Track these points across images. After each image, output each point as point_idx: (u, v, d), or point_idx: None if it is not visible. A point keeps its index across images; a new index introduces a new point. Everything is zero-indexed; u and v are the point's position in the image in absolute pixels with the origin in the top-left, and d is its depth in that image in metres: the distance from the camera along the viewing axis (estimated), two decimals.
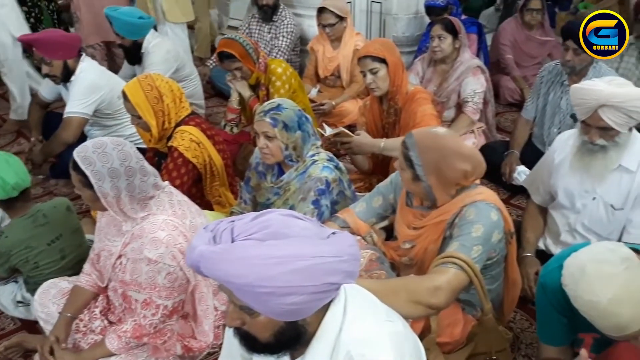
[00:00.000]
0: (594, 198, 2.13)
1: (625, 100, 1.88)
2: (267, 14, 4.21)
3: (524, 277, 2.14)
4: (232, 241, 1.01)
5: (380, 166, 2.84)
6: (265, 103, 2.15)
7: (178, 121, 2.39)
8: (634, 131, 2.06)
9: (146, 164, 1.78)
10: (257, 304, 1.01)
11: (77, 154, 1.68)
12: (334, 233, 1.09)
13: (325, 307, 1.10)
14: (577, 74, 2.85)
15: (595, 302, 1.18)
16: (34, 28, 4.24)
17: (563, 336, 1.47)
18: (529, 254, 2.27)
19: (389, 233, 2.21)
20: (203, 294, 1.93)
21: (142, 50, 3.47)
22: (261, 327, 1.07)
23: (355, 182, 2.87)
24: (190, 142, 2.36)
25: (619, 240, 2.12)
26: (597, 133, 1.98)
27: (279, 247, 0.99)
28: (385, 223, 2.21)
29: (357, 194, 2.44)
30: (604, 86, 1.93)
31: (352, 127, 3.09)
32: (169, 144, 2.38)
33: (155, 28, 3.69)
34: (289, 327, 1.07)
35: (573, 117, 2.87)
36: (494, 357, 1.82)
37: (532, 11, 4.30)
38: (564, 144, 2.24)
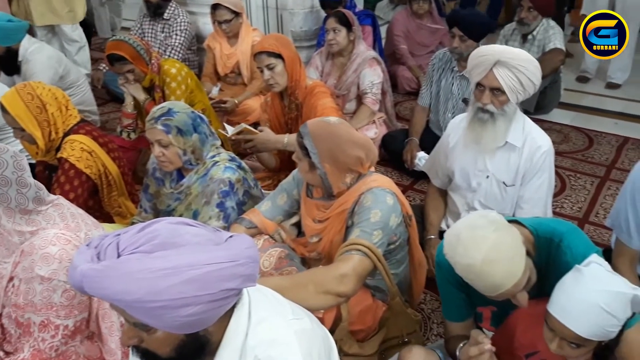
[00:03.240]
0: (488, 176, 2.23)
1: (516, 58, 2.00)
2: (154, 10, 4.07)
3: (429, 258, 2.22)
4: (118, 256, 0.95)
5: (287, 162, 2.82)
6: (155, 108, 2.05)
7: (66, 130, 2.26)
8: (519, 111, 2.19)
9: (27, 175, 1.66)
10: (152, 319, 0.96)
11: None
12: (231, 237, 1.05)
13: (229, 314, 1.07)
14: (465, 59, 2.94)
15: (471, 264, 1.24)
16: None
17: (465, 312, 1.54)
18: (432, 236, 2.36)
19: (301, 229, 2.21)
20: (106, 311, 1.83)
21: (20, 58, 3.22)
22: (160, 342, 1.02)
23: (263, 180, 2.85)
24: (82, 151, 2.24)
25: (513, 215, 2.24)
26: (489, 96, 2.07)
27: (168, 258, 0.94)
28: (295, 219, 2.20)
29: (265, 192, 2.42)
30: (498, 45, 2.10)
31: (257, 125, 3.06)
32: (59, 155, 2.24)
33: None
34: (190, 340, 1.02)
35: (465, 101, 3.01)
36: (406, 340, 1.87)
37: (419, 0, 4.48)
38: (457, 127, 2.33)
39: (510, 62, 2.00)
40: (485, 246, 1.22)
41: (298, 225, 2.23)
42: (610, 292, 1.18)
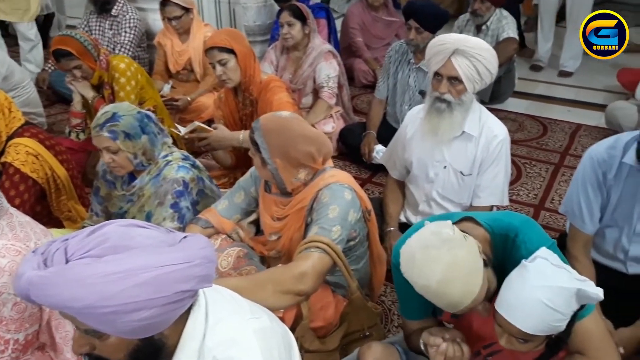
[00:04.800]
0: (445, 166, 2.24)
1: (475, 47, 2.02)
2: (101, 6, 3.94)
3: (389, 249, 2.22)
4: (67, 262, 0.91)
5: (243, 160, 2.77)
6: (98, 114, 1.97)
7: (10, 134, 2.17)
8: (476, 101, 2.21)
9: None
10: (103, 325, 0.93)
11: None
12: (185, 237, 1.02)
13: (185, 316, 1.04)
14: (422, 51, 2.98)
15: (427, 286, 1.22)
16: None
17: (424, 309, 1.51)
18: (392, 228, 2.36)
19: (259, 227, 2.17)
20: (60, 321, 1.75)
21: None
22: (113, 348, 0.99)
23: (219, 179, 2.80)
24: (27, 155, 2.15)
25: (471, 204, 2.27)
26: (447, 85, 2.08)
27: (119, 262, 0.91)
28: (253, 217, 2.16)
29: (222, 190, 2.37)
30: (457, 34, 2.12)
31: (211, 122, 3.00)
32: (2, 160, 2.14)
33: None
34: (144, 344, 0.99)
35: (422, 93, 3.02)
36: (367, 333, 1.87)
37: None
38: (414, 118, 2.33)
39: (468, 51, 2.01)
40: (440, 267, 1.19)
41: (257, 223, 2.19)
42: (553, 288, 1.18)
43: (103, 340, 0.97)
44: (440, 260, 1.20)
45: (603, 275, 1.81)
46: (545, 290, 1.18)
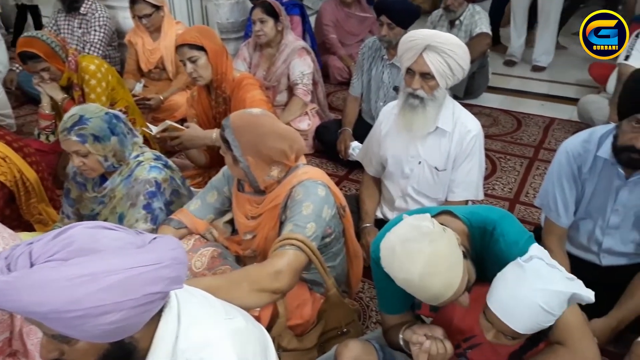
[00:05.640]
0: (420, 162, 2.24)
1: (446, 43, 2.01)
2: (70, 4, 3.87)
3: (365, 246, 2.22)
4: (31, 266, 0.89)
5: (218, 158, 2.74)
6: (65, 117, 1.92)
7: None
8: (449, 97, 2.21)
9: None
10: (71, 330, 0.91)
11: None
12: (154, 238, 1.00)
13: (157, 318, 1.02)
14: (395, 47, 2.98)
15: (409, 279, 1.21)
16: None
17: (403, 304, 1.52)
18: (368, 224, 2.36)
19: (235, 226, 2.15)
20: (32, 328, 1.71)
21: None
22: (83, 353, 0.97)
23: (194, 178, 2.77)
24: None
25: (446, 199, 2.27)
26: (419, 81, 2.08)
27: (85, 265, 0.89)
28: (228, 217, 2.15)
29: (196, 190, 2.33)
30: (428, 30, 2.11)
31: (185, 121, 2.95)
32: None
33: None
34: (115, 348, 0.98)
35: (396, 89, 3.02)
36: (345, 330, 1.86)
37: None
38: (389, 114, 2.33)
39: (439, 46, 2.01)
40: (421, 261, 1.19)
41: (232, 222, 2.17)
42: (550, 292, 1.19)
43: (72, 345, 0.95)
44: (421, 253, 1.19)
45: (577, 267, 1.83)
46: (543, 293, 1.19)
